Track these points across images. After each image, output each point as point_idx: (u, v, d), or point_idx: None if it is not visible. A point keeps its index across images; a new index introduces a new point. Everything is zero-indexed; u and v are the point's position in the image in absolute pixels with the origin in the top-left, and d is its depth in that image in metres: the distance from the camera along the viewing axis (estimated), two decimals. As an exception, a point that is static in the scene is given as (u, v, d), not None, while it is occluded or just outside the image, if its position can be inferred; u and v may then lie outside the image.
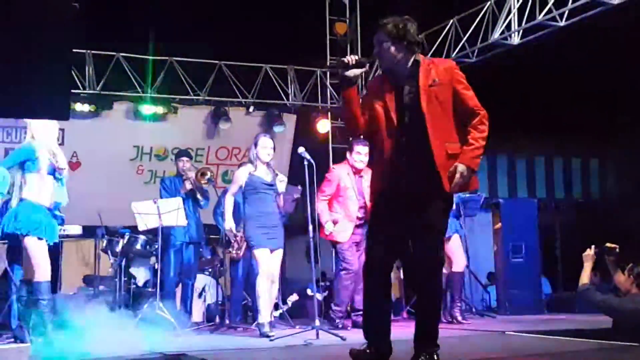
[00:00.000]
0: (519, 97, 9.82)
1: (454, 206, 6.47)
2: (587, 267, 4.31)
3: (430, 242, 3.18)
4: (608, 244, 4.42)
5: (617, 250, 4.39)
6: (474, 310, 7.15)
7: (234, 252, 6.13)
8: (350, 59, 3.17)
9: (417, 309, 3.35)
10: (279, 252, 5.29)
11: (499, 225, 7.86)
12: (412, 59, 3.18)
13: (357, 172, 5.99)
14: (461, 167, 3.04)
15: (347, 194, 5.94)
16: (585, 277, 4.28)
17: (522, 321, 6.28)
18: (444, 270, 7.13)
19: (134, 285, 7.09)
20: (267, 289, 5.12)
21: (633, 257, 4.75)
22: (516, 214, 7.93)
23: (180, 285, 6.45)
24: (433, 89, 3.11)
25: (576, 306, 8.13)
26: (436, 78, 3.12)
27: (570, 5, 6.49)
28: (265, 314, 5.10)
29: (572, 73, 8.99)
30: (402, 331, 4.09)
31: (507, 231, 7.78)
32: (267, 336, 4.90)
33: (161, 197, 6.20)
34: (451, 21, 7.89)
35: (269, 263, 5.15)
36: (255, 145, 5.31)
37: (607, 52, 8.13)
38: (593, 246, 4.43)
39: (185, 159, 6.49)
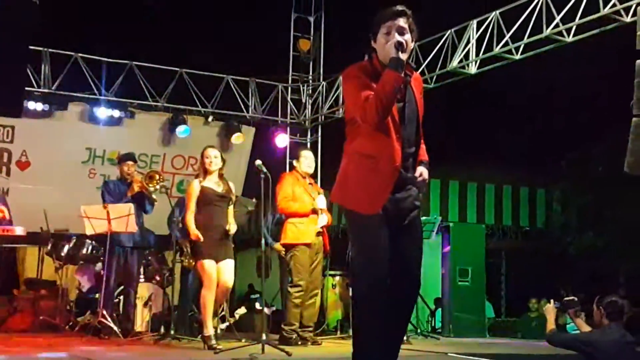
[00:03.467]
0: (472, 125, 10.09)
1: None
2: (550, 318, 4.57)
3: (417, 266, 2.80)
4: (567, 298, 4.67)
5: (577, 300, 4.61)
6: (418, 331, 7.23)
7: (186, 261, 6.05)
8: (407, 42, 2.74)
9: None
10: (230, 262, 5.23)
11: (447, 248, 8.02)
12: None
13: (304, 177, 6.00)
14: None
15: (300, 196, 5.78)
16: (551, 325, 4.55)
17: (465, 344, 6.39)
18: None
19: (78, 291, 6.91)
20: (212, 301, 5.07)
21: (571, 282, 4.96)
22: (465, 238, 8.12)
23: (122, 292, 6.31)
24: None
25: (518, 332, 8.34)
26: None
27: (526, 40, 6.74)
28: (211, 326, 5.05)
29: (525, 105, 9.31)
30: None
31: (455, 254, 7.94)
32: (213, 349, 4.87)
33: (104, 201, 6.05)
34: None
35: (215, 275, 5.09)
36: (201, 156, 5.36)
37: (559, 88, 8.45)
38: (552, 300, 4.66)
39: (130, 162, 6.34)
